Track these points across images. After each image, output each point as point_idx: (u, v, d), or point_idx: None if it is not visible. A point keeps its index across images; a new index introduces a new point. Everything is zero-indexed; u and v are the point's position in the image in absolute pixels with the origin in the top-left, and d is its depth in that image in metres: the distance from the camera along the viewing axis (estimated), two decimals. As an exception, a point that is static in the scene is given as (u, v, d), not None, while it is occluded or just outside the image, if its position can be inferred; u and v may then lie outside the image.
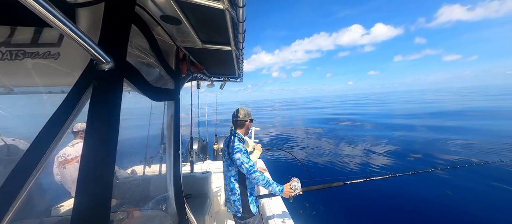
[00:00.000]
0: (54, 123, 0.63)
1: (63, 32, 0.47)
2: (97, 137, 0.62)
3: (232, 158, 1.80)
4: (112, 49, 0.66)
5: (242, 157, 1.75)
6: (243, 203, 1.87)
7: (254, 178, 1.75)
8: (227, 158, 1.87)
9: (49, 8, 0.42)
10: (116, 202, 1.76)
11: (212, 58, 1.89)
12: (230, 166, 1.88)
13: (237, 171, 1.86)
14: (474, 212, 4.57)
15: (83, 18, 0.73)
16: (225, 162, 1.94)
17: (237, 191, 1.87)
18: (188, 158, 3.57)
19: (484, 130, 11.74)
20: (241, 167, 1.76)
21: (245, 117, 1.98)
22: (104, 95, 0.65)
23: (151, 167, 2.35)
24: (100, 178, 0.62)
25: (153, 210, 1.52)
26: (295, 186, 1.84)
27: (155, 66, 1.13)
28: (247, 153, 1.81)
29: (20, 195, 0.57)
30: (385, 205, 5.02)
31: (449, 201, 5.02)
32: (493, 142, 9.18)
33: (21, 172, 0.58)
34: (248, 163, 1.74)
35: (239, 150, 1.78)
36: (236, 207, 1.88)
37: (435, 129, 12.92)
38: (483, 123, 13.89)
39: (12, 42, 0.80)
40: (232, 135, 1.93)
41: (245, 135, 2.03)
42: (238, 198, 1.87)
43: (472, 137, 10.29)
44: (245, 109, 2.04)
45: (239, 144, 1.83)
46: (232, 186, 1.88)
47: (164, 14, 0.96)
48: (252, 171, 1.73)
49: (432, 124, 14.97)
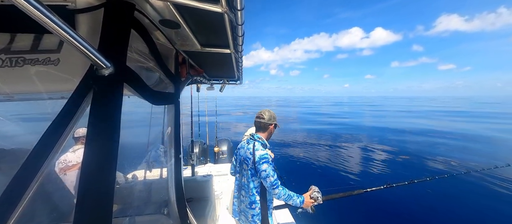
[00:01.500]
0: (55, 129, 0.63)
1: (63, 38, 0.47)
2: (98, 142, 0.62)
3: (257, 168, 1.60)
4: (112, 54, 0.66)
5: (268, 169, 1.57)
6: (263, 218, 1.69)
7: (276, 194, 1.60)
8: (251, 167, 1.64)
9: (49, 15, 0.42)
10: (117, 207, 1.75)
11: (211, 61, 1.90)
12: (254, 177, 1.66)
13: (260, 183, 1.66)
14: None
15: (82, 24, 0.73)
16: (246, 171, 1.71)
17: (257, 205, 1.67)
18: (189, 162, 3.56)
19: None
20: (266, 180, 1.58)
21: (270, 120, 1.78)
22: (104, 100, 0.65)
23: (152, 171, 2.34)
24: (102, 184, 0.62)
25: (155, 214, 1.51)
26: (316, 196, 1.72)
27: (154, 70, 1.13)
28: (273, 164, 1.64)
29: (22, 201, 0.57)
30: (404, 212, 4.86)
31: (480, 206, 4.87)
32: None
33: (23, 177, 0.58)
34: (274, 176, 1.58)
35: (267, 160, 1.59)
36: (254, 222, 1.69)
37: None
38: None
39: (12, 49, 0.80)
40: (255, 140, 1.72)
41: (268, 141, 1.83)
42: (258, 213, 1.68)
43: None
44: (271, 111, 1.84)
45: (267, 153, 1.63)
46: (253, 199, 1.67)
47: (163, 18, 0.96)
48: (276, 185, 1.58)
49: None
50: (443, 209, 4.87)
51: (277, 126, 1.86)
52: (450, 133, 13.27)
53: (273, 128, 1.82)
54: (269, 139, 1.84)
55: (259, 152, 1.63)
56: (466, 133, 12.99)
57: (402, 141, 11.80)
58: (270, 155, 1.65)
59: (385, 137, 12.85)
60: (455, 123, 19.29)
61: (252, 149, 1.66)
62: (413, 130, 14.93)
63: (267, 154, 1.63)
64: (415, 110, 35.35)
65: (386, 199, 5.16)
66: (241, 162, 1.77)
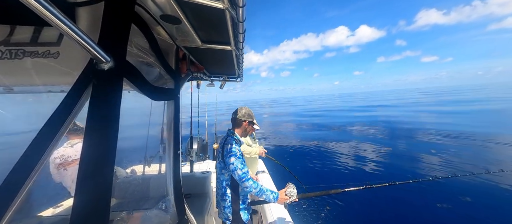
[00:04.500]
0: (53, 122, 0.62)
1: (63, 31, 0.47)
2: (97, 137, 0.62)
3: (225, 161, 1.67)
4: (112, 49, 0.66)
5: (236, 162, 1.61)
6: (234, 211, 1.74)
7: (246, 187, 1.62)
8: (221, 160, 1.74)
9: (49, 7, 0.41)
10: (115, 201, 1.76)
11: (212, 58, 1.89)
12: (223, 170, 1.75)
13: (231, 176, 1.73)
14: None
15: (83, 17, 0.73)
16: (218, 164, 1.81)
17: (228, 198, 1.75)
18: (188, 158, 3.57)
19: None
20: (234, 173, 1.63)
21: (244, 117, 1.84)
22: (103, 95, 0.65)
23: (150, 166, 2.34)
24: (100, 178, 0.62)
25: (153, 209, 1.52)
26: (291, 193, 1.73)
27: (155, 66, 1.13)
28: (242, 158, 1.69)
29: (20, 194, 0.57)
30: (386, 213, 4.79)
31: (466, 210, 4.67)
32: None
33: (21, 170, 0.58)
34: (242, 169, 1.61)
35: (234, 154, 1.64)
36: (225, 214, 1.76)
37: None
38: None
39: (12, 41, 0.80)
40: (228, 135, 1.81)
41: (242, 137, 1.90)
42: (229, 205, 1.75)
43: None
44: (248, 109, 1.89)
45: (235, 146, 1.69)
46: (224, 191, 1.76)
47: (164, 13, 0.96)
48: (245, 178, 1.60)
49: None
50: (426, 214, 4.66)
51: (254, 124, 1.90)
52: (440, 129, 12.85)
53: (247, 125, 1.87)
54: (245, 135, 1.92)
55: (227, 146, 1.69)
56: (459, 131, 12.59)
57: (389, 139, 11.73)
58: (238, 150, 1.69)
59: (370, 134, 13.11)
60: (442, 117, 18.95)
61: (223, 144, 1.75)
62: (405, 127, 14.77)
63: (234, 148, 1.68)
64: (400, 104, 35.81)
65: (365, 199, 5.13)
66: (217, 156, 1.86)
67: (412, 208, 4.94)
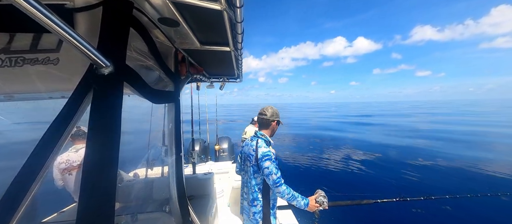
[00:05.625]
0: (56, 128, 0.63)
1: (62, 37, 0.47)
2: (99, 141, 0.63)
3: (260, 165, 1.59)
4: (111, 53, 0.66)
5: (271, 166, 1.56)
6: (265, 216, 1.67)
7: (279, 192, 1.57)
8: (254, 164, 1.64)
9: (48, 14, 0.42)
10: (120, 205, 1.77)
11: (211, 59, 1.89)
12: (256, 174, 1.65)
13: (263, 180, 1.65)
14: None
15: (81, 23, 0.73)
16: (248, 168, 1.70)
17: (259, 203, 1.66)
18: (190, 160, 3.57)
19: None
20: (268, 177, 1.57)
21: (273, 117, 1.77)
22: (104, 99, 0.66)
23: (153, 169, 2.35)
24: (104, 182, 0.62)
25: (157, 212, 1.53)
26: (321, 200, 1.67)
27: (154, 69, 1.13)
28: (276, 161, 1.64)
29: (25, 200, 0.57)
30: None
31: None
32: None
33: (25, 176, 0.58)
34: (277, 173, 1.56)
35: (269, 157, 1.58)
36: (255, 220, 1.67)
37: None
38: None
39: (12, 49, 0.80)
40: (258, 137, 1.73)
41: (271, 137, 1.81)
42: (260, 210, 1.67)
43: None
44: (274, 108, 1.82)
45: (269, 149, 1.62)
46: (255, 196, 1.67)
47: (162, 16, 0.96)
48: (280, 183, 1.56)
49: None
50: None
51: (280, 123, 1.85)
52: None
53: (276, 125, 1.81)
54: (272, 135, 1.83)
55: (262, 149, 1.62)
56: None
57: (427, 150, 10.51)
58: (273, 152, 1.64)
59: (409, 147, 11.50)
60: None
61: (255, 146, 1.66)
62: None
63: (270, 151, 1.62)
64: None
65: (398, 213, 4.62)
66: (245, 159, 1.77)
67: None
